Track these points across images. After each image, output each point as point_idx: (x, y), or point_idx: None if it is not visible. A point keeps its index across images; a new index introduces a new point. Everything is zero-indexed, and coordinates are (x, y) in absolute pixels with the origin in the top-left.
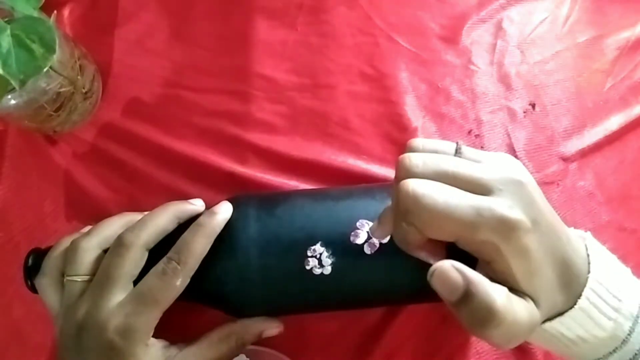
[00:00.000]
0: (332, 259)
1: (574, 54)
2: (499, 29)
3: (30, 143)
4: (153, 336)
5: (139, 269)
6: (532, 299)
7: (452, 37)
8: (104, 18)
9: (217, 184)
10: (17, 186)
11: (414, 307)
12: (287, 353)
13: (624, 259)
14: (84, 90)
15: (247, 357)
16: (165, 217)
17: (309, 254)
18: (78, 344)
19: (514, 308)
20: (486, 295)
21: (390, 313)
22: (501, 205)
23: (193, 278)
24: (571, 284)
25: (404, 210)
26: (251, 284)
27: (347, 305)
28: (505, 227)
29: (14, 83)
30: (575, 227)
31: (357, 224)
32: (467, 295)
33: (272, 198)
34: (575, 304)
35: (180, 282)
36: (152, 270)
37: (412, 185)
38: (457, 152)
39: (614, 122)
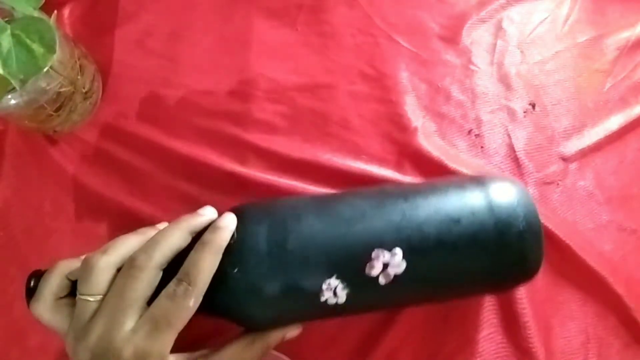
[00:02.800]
0: (347, 290)
1: (574, 54)
2: (499, 28)
3: (30, 143)
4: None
5: (153, 290)
6: None
7: (452, 37)
8: (104, 18)
9: (217, 183)
10: (17, 186)
11: (415, 307)
12: (287, 353)
13: (623, 259)
14: (84, 90)
15: None
16: (178, 235)
17: (324, 287)
18: None
19: None
20: None
21: (390, 313)
22: None
23: (208, 301)
24: None
25: None
26: (264, 314)
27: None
28: None
29: (14, 83)
30: (575, 227)
31: (373, 254)
32: None
33: (281, 223)
34: None
35: (192, 303)
36: (162, 293)
37: None
38: None
39: (614, 122)
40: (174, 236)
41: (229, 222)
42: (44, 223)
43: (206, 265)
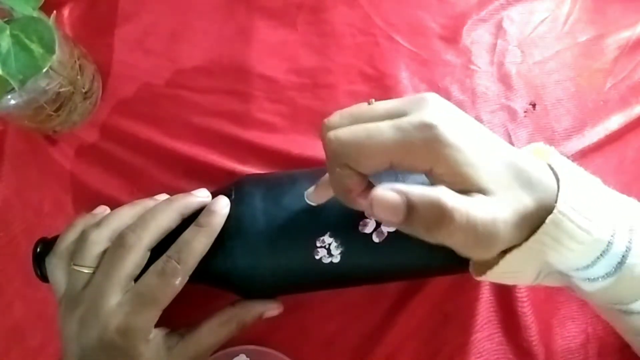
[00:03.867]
0: (341, 249)
1: (574, 53)
2: (499, 28)
3: (30, 143)
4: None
5: (140, 269)
6: (485, 193)
7: (452, 37)
8: (104, 18)
9: (217, 183)
10: (17, 186)
11: (415, 307)
12: (287, 353)
13: None
14: (83, 90)
15: (247, 357)
16: (168, 216)
17: (318, 244)
18: (79, 339)
19: (465, 203)
20: (429, 197)
21: (391, 313)
22: (416, 115)
23: (204, 266)
24: (532, 185)
25: (333, 155)
26: (261, 274)
27: (355, 285)
28: (425, 128)
29: (13, 83)
30: None
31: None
32: (412, 207)
33: (277, 185)
34: (549, 213)
35: (179, 281)
36: (151, 269)
37: (334, 131)
38: (369, 104)
39: (614, 122)
40: (163, 217)
41: (224, 205)
42: (44, 223)
43: (198, 246)
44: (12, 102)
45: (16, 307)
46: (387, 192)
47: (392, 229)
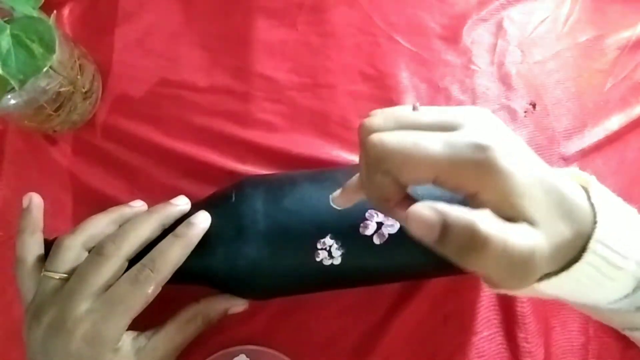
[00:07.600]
0: (342, 250)
1: (575, 53)
2: (499, 28)
3: (30, 143)
4: None
5: (116, 279)
6: (529, 222)
7: (452, 37)
8: (104, 18)
9: (217, 183)
10: (17, 186)
11: (415, 307)
12: (287, 353)
13: None
14: (83, 90)
15: (247, 357)
16: (149, 227)
17: (319, 246)
18: (44, 348)
19: (502, 230)
20: (465, 220)
21: (391, 313)
22: (470, 134)
23: (203, 267)
24: (572, 215)
25: (375, 159)
26: (261, 276)
27: (355, 286)
28: (479, 150)
29: (13, 83)
30: None
31: (366, 214)
32: (446, 227)
33: (278, 187)
34: (585, 246)
35: (152, 290)
36: (124, 276)
37: (378, 135)
38: (414, 109)
39: (615, 122)
40: (144, 228)
41: (203, 219)
42: (44, 223)
43: (173, 256)
44: (12, 101)
45: (16, 307)
46: (425, 210)
47: (392, 231)
